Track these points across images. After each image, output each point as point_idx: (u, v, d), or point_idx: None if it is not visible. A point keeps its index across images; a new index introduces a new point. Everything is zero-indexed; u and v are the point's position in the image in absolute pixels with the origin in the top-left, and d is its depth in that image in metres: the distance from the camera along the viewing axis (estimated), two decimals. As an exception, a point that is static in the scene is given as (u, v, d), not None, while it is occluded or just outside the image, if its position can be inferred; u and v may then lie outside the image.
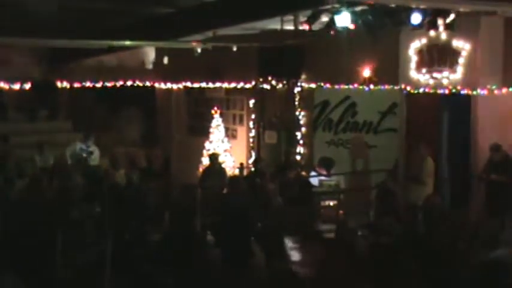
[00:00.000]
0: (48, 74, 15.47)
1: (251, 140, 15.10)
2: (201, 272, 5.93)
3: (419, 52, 11.53)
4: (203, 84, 15.13)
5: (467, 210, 10.84)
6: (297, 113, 14.02)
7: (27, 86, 13.30)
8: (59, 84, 13.97)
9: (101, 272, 6.41)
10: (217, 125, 15.50)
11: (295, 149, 13.85)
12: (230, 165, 14.95)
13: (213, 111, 15.63)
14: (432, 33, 10.79)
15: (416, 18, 9.71)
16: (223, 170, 13.22)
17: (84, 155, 13.31)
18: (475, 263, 6.25)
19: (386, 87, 12.41)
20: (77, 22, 13.10)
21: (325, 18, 9.82)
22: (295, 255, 7.89)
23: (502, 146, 10.58)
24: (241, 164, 14.10)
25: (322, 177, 12.81)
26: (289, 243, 8.10)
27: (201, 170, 14.37)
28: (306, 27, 9.95)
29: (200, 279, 5.87)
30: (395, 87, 12.16)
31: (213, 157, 13.20)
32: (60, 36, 12.73)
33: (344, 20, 9.33)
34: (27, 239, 7.18)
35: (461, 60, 11.08)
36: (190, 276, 5.93)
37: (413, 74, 11.68)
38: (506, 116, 11.02)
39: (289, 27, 10.86)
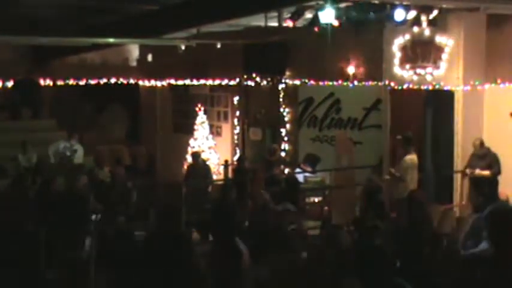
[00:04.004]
0: (31, 71, 15.36)
1: (236, 137, 15.10)
2: (187, 271, 5.91)
3: (403, 48, 11.56)
4: (187, 82, 15.10)
5: (450, 205, 10.92)
6: (282, 109, 14.04)
7: (10, 84, 13.20)
8: (42, 82, 13.88)
9: (86, 271, 6.39)
10: (201, 122, 15.47)
11: (280, 145, 13.86)
12: (215, 162, 14.94)
13: (197, 109, 15.60)
14: (416, 29, 10.84)
15: (399, 14, 9.75)
16: (207, 167, 13.20)
17: (68, 153, 13.24)
18: (457, 258, 6.31)
19: (371, 83, 12.45)
20: (60, 19, 13.02)
21: (309, 15, 9.83)
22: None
23: (484, 141, 10.68)
24: (226, 161, 14.09)
25: (307, 174, 12.83)
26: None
27: (185, 167, 14.35)
28: (290, 23, 9.95)
29: (185, 277, 5.86)
30: (379, 84, 12.20)
31: (196, 155, 13.18)
32: (43, 34, 12.64)
33: (328, 16, 9.34)
34: (11, 239, 7.13)
35: (444, 56, 11.13)
36: (175, 275, 5.91)
37: (397, 70, 11.72)
38: (489, 111, 11.12)
39: (274, 24, 10.87)
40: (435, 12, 10.13)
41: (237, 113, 15.07)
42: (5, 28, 12.07)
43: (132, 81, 15.08)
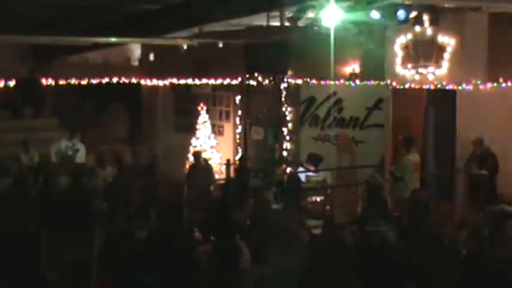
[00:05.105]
0: (33, 71, 15.36)
1: (238, 136, 15.09)
2: (189, 270, 5.92)
3: (405, 47, 11.56)
4: (189, 81, 15.10)
5: (452, 203, 10.92)
6: (284, 109, 14.03)
7: (12, 83, 13.20)
8: (44, 81, 13.88)
9: (87, 271, 6.38)
10: (203, 122, 15.47)
11: (282, 144, 13.86)
12: (217, 161, 14.93)
13: (199, 108, 15.60)
14: (418, 28, 10.83)
15: (401, 13, 9.73)
16: (209, 167, 13.20)
17: (70, 152, 13.24)
18: (459, 256, 6.30)
19: (373, 82, 12.44)
20: (62, 19, 13.03)
21: (311, 14, 9.81)
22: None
23: (483, 139, 10.67)
24: (228, 161, 14.08)
25: (309, 173, 12.82)
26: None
27: (187, 167, 14.35)
28: (292, 23, 9.94)
29: (187, 277, 5.86)
30: (382, 83, 12.19)
31: (197, 155, 13.19)
32: (45, 33, 12.65)
33: (330, 16, 9.33)
34: (12, 238, 7.13)
35: (446, 56, 11.13)
36: (177, 274, 5.91)
37: (399, 69, 11.72)
38: (491, 111, 11.10)
39: (275, 23, 10.85)
40: (437, 12, 10.11)
41: (239, 113, 15.06)
42: (6, 28, 12.08)
43: (134, 80, 15.08)
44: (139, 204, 10.50)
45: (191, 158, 14.53)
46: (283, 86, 13.98)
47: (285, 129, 13.98)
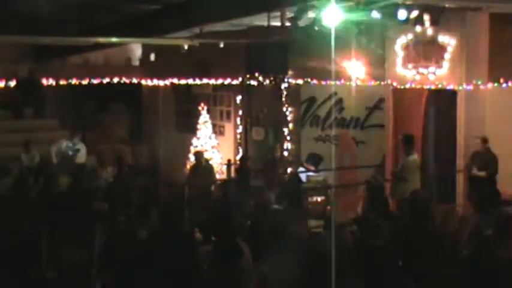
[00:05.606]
0: (33, 71, 15.37)
1: (238, 136, 15.09)
2: (189, 270, 5.92)
3: (406, 47, 11.55)
4: (190, 81, 15.10)
5: (453, 204, 10.90)
6: (284, 109, 14.03)
7: (12, 83, 13.21)
8: (44, 81, 13.89)
9: (87, 271, 6.38)
10: (204, 122, 15.48)
11: (283, 145, 13.86)
12: (218, 161, 14.94)
13: (200, 108, 15.61)
14: (418, 28, 10.83)
15: (402, 13, 9.74)
16: (210, 167, 13.20)
17: (71, 152, 13.24)
18: (459, 257, 6.31)
19: (373, 83, 12.44)
20: (62, 19, 13.03)
21: (311, 14, 9.81)
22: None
23: (487, 138, 10.65)
24: (229, 161, 14.08)
25: (310, 173, 12.82)
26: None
27: (188, 167, 14.35)
28: (292, 23, 9.93)
29: (188, 277, 5.86)
30: (382, 83, 12.18)
31: (198, 155, 13.19)
32: (46, 33, 12.65)
33: (331, 16, 9.32)
34: (12, 238, 7.14)
35: (447, 56, 11.12)
36: (178, 275, 5.91)
37: (399, 69, 11.71)
38: (491, 111, 11.10)
39: (276, 23, 10.86)
40: (438, 12, 10.11)
41: (240, 113, 15.06)
42: (5, 28, 12.08)
43: (134, 80, 15.09)
44: (139, 204, 10.51)
45: (192, 158, 14.52)
46: (283, 86, 13.97)
47: (285, 130, 13.99)
